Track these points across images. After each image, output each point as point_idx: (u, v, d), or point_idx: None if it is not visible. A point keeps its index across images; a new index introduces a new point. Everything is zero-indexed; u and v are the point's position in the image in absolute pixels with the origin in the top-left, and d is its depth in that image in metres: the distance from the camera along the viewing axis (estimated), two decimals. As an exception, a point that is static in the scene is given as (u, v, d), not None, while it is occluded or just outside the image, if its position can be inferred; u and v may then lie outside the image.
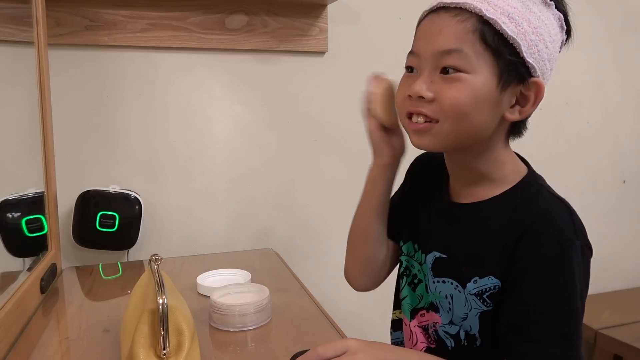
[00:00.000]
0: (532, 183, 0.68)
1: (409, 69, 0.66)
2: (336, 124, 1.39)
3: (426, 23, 0.65)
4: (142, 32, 1.20)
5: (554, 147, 1.65)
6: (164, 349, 0.63)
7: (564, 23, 0.65)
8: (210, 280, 1.01)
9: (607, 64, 1.70)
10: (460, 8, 0.61)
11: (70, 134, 1.19)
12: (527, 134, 0.70)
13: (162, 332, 0.63)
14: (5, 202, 0.97)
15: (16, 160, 1.02)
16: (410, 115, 0.65)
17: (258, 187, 1.36)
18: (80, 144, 1.20)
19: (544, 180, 0.70)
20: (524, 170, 0.70)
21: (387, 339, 0.86)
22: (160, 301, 0.63)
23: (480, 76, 0.60)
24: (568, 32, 0.66)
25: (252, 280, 1.00)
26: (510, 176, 0.68)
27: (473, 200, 0.70)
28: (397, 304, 0.84)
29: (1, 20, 0.99)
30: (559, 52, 0.67)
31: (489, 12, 0.59)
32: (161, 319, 0.63)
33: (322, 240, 1.42)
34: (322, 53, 1.36)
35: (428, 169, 0.80)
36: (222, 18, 1.26)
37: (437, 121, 0.63)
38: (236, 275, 1.03)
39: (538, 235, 0.62)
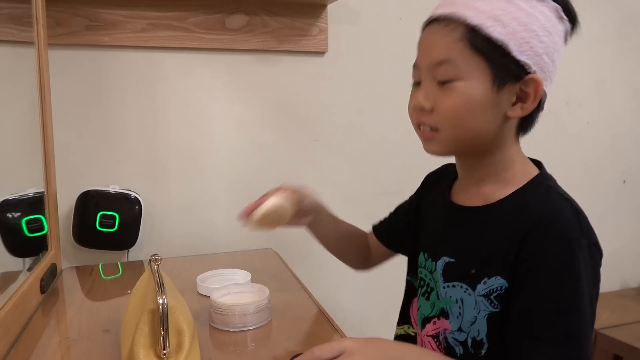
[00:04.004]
0: (542, 184, 0.68)
1: (416, 83, 0.69)
2: (336, 124, 1.39)
3: (423, 36, 0.68)
4: (142, 32, 1.20)
5: (554, 147, 1.65)
6: (164, 349, 0.63)
7: (562, 13, 0.64)
8: (210, 280, 1.01)
9: (606, 64, 1.70)
10: (449, 18, 0.64)
11: (70, 134, 1.19)
12: (527, 134, 0.70)
13: (162, 332, 0.63)
14: (5, 202, 0.97)
15: (16, 160, 1.01)
16: (419, 125, 0.69)
17: (258, 187, 1.35)
18: (80, 144, 1.20)
19: (554, 182, 0.69)
20: (534, 171, 0.70)
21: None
22: (160, 301, 0.63)
23: (473, 81, 0.63)
24: (572, 21, 0.66)
25: (252, 280, 1.00)
26: (518, 176, 0.69)
27: (481, 202, 0.70)
28: (404, 319, 0.83)
29: (1, 20, 0.99)
30: (564, 41, 0.67)
31: (474, 19, 0.61)
32: (161, 319, 0.63)
33: (322, 240, 1.42)
34: (322, 53, 1.36)
35: (435, 180, 0.82)
36: (222, 18, 1.26)
37: (438, 129, 0.66)
38: (236, 275, 1.03)
39: (542, 235, 0.62)
